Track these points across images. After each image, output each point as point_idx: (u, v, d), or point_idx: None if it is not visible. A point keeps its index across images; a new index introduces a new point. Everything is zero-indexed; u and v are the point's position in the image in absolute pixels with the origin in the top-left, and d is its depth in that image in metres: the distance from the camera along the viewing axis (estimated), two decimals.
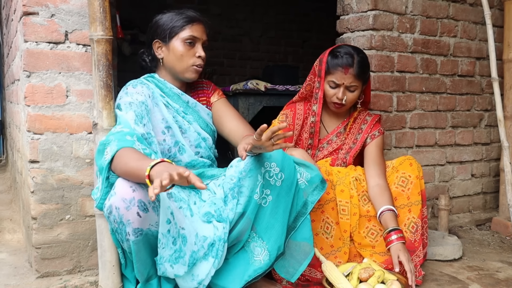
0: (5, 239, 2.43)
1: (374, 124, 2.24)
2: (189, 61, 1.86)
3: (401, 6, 2.63)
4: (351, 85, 2.10)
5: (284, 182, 1.71)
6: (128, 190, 1.51)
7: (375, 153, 2.17)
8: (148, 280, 1.67)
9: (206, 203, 1.76)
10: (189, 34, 1.85)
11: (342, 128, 2.25)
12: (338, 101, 2.12)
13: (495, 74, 2.70)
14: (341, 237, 2.07)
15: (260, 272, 1.71)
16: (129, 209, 1.51)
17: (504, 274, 2.15)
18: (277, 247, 1.71)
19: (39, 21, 1.85)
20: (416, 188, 2.08)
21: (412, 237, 2.06)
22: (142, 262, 1.62)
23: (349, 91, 2.12)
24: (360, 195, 2.12)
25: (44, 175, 1.89)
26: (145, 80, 1.90)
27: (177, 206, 1.67)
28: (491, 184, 3.18)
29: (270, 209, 1.71)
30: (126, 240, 1.57)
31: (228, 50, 5.82)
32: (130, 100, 1.76)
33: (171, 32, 1.84)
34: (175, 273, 1.60)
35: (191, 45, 1.85)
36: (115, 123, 1.76)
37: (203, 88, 2.06)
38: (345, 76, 2.08)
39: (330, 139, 2.25)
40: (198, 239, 1.65)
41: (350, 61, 2.08)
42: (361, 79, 2.12)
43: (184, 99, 1.94)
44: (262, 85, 3.22)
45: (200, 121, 1.96)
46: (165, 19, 1.87)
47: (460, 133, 2.99)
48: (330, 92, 2.13)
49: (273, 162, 1.70)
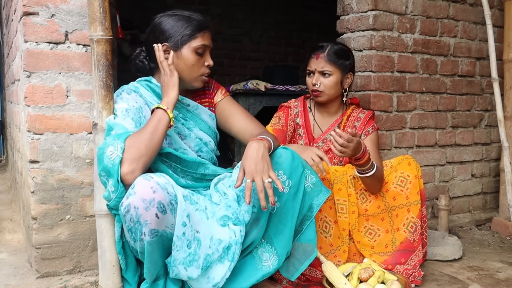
0: (5, 239, 2.43)
1: (368, 120, 2.25)
2: (199, 71, 1.81)
3: (401, 6, 2.63)
4: (324, 70, 2.17)
5: (291, 189, 1.71)
6: (148, 191, 1.50)
7: (370, 148, 2.16)
8: (155, 281, 1.66)
9: (221, 206, 1.75)
10: (200, 43, 1.77)
11: (336, 126, 2.27)
12: (313, 87, 2.19)
13: (495, 74, 2.70)
14: (340, 236, 2.07)
15: (268, 275, 1.73)
16: (148, 209, 1.49)
17: (504, 274, 2.15)
18: (286, 252, 1.72)
19: (39, 21, 1.85)
20: (415, 188, 2.08)
21: (411, 237, 2.06)
22: (153, 263, 1.61)
23: (323, 77, 2.18)
24: (358, 193, 2.12)
25: (44, 175, 1.89)
26: (140, 86, 1.81)
27: (194, 208, 1.67)
28: (491, 184, 3.18)
29: (279, 215, 1.72)
30: (140, 240, 1.55)
31: (228, 50, 5.82)
32: (127, 107, 1.71)
33: (182, 39, 1.75)
34: (189, 275, 1.59)
35: (201, 55, 1.79)
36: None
37: (205, 88, 1.96)
38: (317, 61, 2.18)
39: (325, 138, 2.26)
40: (212, 242, 1.64)
41: (321, 48, 2.19)
42: (335, 64, 2.18)
43: (184, 102, 1.86)
44: (262, 85, 3.22)
45: (201, 125, 1.90)
46: (172, 24, 1.76)
47: (460, 133, 2.99)
48: (308, 82, 2.23)
49: (281, 170, 1.70)
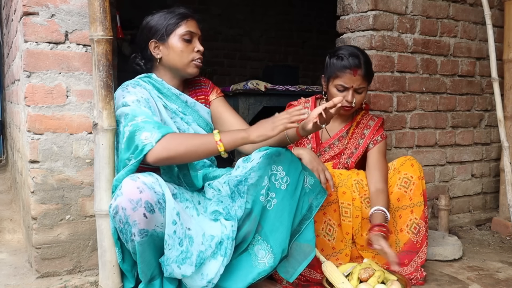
0: (5, 239, 2.43)
1: (377, 129, 2.20)
2: (189, 56, 1.85)
3: (401, 6, 2.63)
4: (360, 87, 2.07)
5: (289, 186, 1.71)
6: (135, 191, 1.51)
7: (377, 158, 2.14)
8: (151, 281, 1.66)
9: (213, 201, 1.76)
10: (185, 30, 1.83)
11: (345, 132, 2.22)
12: (348, 104, 2.07)
13: (495, 74, 2.69)
14: (343, 239, 2.06)
15: (264, 274, 1.71)
16: (135, 210, 1.51)
17: (504, 274, 2.15)
18: (281, 249, 1.71)
19: (39, 21, 1.85)
20: (418, 189, 2.08)
21: (415, 238, 2.06)
22: (146, 263, 1.61)
23: (357, 93, 2.08)
24: (363, 197, 2.10)
25: (44, 175, 1.89)
26: (141, 81, 1.85)
27: (183, 206, 1.67)
28: (491, 184, 3.18)
29: (275, 212, 1.71)
30: (131, 241, 1.57)
31: (228, 50, 5.82)
32: (137, 98, 1.73)
33: (167, 29, 1.82)
34: (183, 273, 1.60)
35: (188, 41, 1.84)
36: (115, 123, 1.74)
37: (201, 86, 2.02)
38: (354, 78, 2.04)
39: (332, 143, 2.22)
40: (205, 238, 1.65)
41: (357, 62, 2.04)
42: (368, 79, 2.11)
43: (182, 99, 1.91)
44: (262, 85, 3.22)
45: (199, 121, 1.94)
46: (157, 19, 1.84)
47: (460, 133, 2.99)
48: (338, 95, 2.06)
49: (280, 165, 1.70)
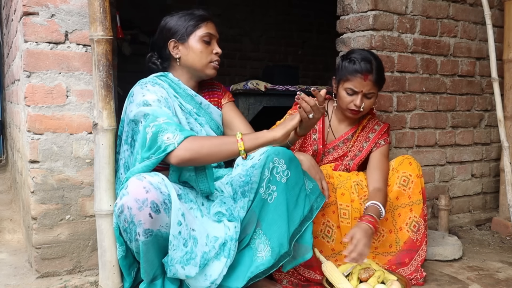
0: (5, 239, 2.43)
1: (382, 134, 2.19)
2: (208, 58, 1.88)
3: (401, 6, 2.63)
4: (370, 92, 2.05)
5: (289, 180, 1.71)
6: (141, 191, 1.52)
7: (378, 158, 2.14)
8: (153, 281, 1.67)
9: (216, 202, 1.77)
10: (205, 31, 1.86)
11: (350, 135, 2.21)
12: (356, 108, 2.06)
13: (495, 74, 2.70)
14: (342, 241, 2.05)
15: (262, 268, 1.69)
16: (141, 209, 1.51)
17: (504, 274, 2.15)
18: (279, 243, 1.69)
19: (39, 21, 1.85)
20: (417, 187, 2.08)
21: (414, 236, 2.06)
22: (149, 263, 1.62)
23: (367, 98, 2.07)
24: (362, 199, 2.09)
25: (44, 175, 1.89)
26: (158, 79, 1.86)
27: (188, 207, 1.68)
28: (491, 184, 3.18)
29: (275, 205, 1.71)
30: (135, 240, 1.57)
31: (228, 50, 5.81)
32: (158, 97, 1.74)
33: (188, 30, 1.85)
34: (187, 274, 1.60)
35: (208, 43, 1.87)
36: (115, 123, 1.75)
37: (214, 89, 2.06)
38: (365, 83, 2.02)
39: (336, 145, 2.21)
40: (209, 239, 1.65)
41: (369, 67, 2.02)
42: (379, 85, 2.09)
43: (197, 100, 1.93)
44: (262, 85, 3.22)
45: (211, 123, 1.95)
46: (176, 20, 1.86)
47: (460, 133, 2.99)
48: (347, 99, 2.06)
49: (282, 159, 1.71)
